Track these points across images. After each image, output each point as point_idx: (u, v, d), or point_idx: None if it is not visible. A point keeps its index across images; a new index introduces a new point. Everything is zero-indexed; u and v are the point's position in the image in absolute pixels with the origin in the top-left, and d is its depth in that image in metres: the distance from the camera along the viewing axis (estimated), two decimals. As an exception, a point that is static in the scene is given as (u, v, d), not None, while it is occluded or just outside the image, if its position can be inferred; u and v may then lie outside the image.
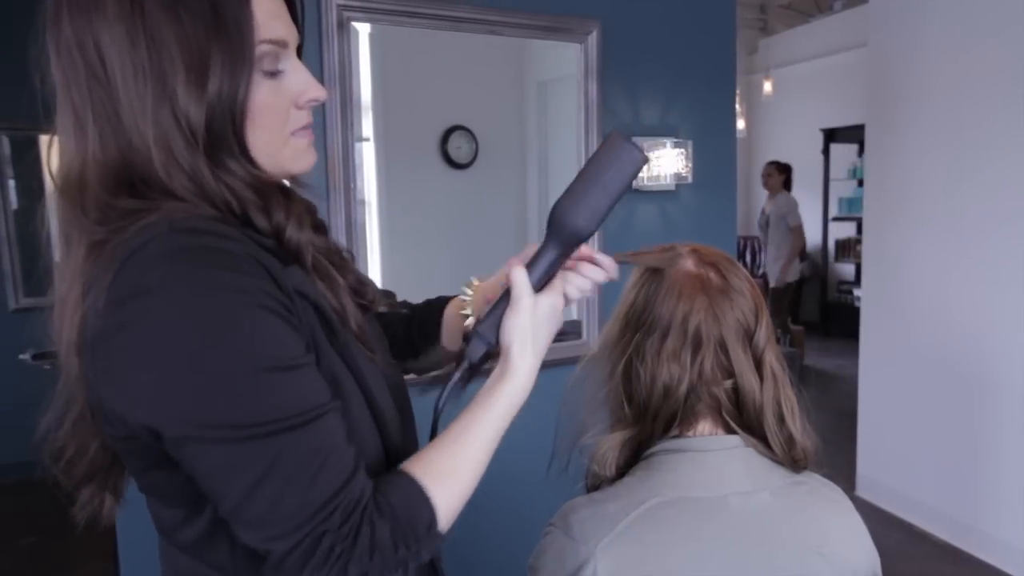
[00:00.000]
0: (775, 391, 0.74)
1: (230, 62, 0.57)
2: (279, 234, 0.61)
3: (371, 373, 0.66)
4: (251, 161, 0.61)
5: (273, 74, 0.61)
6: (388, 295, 0.88)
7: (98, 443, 0.66)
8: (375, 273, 1.81)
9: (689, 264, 0.76)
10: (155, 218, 0.56)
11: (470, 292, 0.86)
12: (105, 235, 0.57)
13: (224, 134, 0.58)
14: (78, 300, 0.58)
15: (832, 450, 3.49)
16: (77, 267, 0.58)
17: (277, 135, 0.63)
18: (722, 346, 0.72)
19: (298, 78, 0.63)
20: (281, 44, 0.61)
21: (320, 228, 0.71)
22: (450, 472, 0.62)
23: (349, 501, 0.56)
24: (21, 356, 2.57)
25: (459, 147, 2.03)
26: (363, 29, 1.74)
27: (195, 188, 0.58)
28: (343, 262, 0.72)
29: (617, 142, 0.68)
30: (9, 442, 3.57)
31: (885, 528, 2.92)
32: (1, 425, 3.54)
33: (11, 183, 3.59)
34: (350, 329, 0.65)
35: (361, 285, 0.74)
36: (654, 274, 0.76)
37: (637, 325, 0.75)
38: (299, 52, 0.66)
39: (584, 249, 0.73)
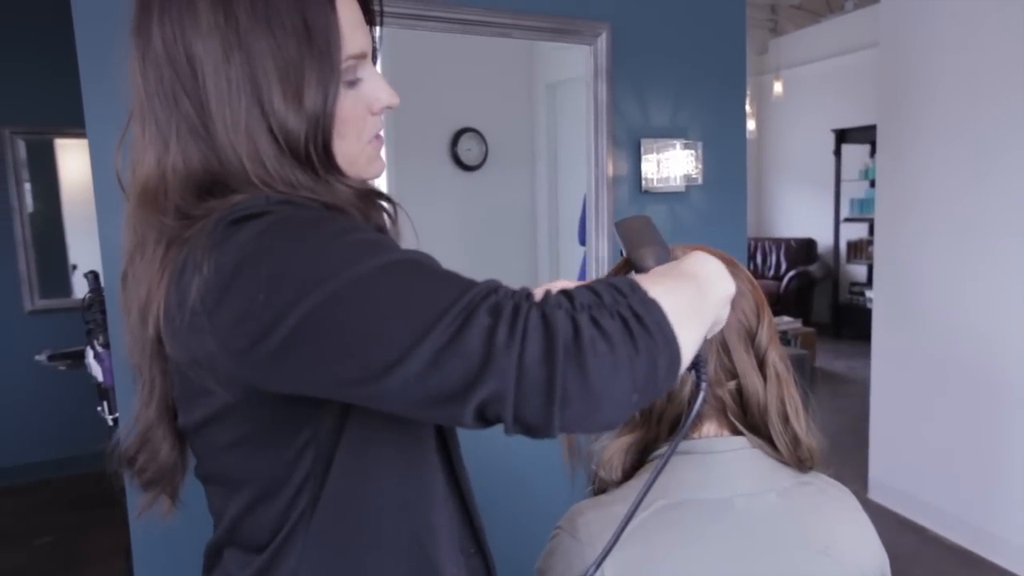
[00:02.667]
0: (779, 391, 0.74)
1: (323, 76, 0.57)
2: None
3: None
4: (343, 173, 0.62)
5: (352, 83, 0.62)
6: None
7: (168, 445, 0.67)
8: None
9: None
10: (245, 197, 0.55)
11: None
12: (187, 230, 0.56)
13: (317, 147, 0.59)
14: (158, 291, 0.57)
15: (844, 453, 3.48)
16: (155, 266, 0.58)
17: (356, 143, 0.63)
18: (724, 347, 0.73)
19: (374, 86, 0.64)
20: (363, 56, 0.62)
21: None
22: (659, 280, 0.52)
23: (509, 290, 0.48)
24: (37, 357, 2.60)
25: (469, 149, 2.04)
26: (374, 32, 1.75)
27: (294, 192, 0.58)
28: None
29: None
30: (26, 443, 3.62)
31: (897, 532, 2.90)
32: (17, 426, 3.59)
33: (27, 186, 3.63)
34: None
35: None
36: None
37: None
38: (374, 55, 0.67)
39: None
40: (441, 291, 0.46)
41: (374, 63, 0.67)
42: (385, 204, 0.66)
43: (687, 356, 0.49)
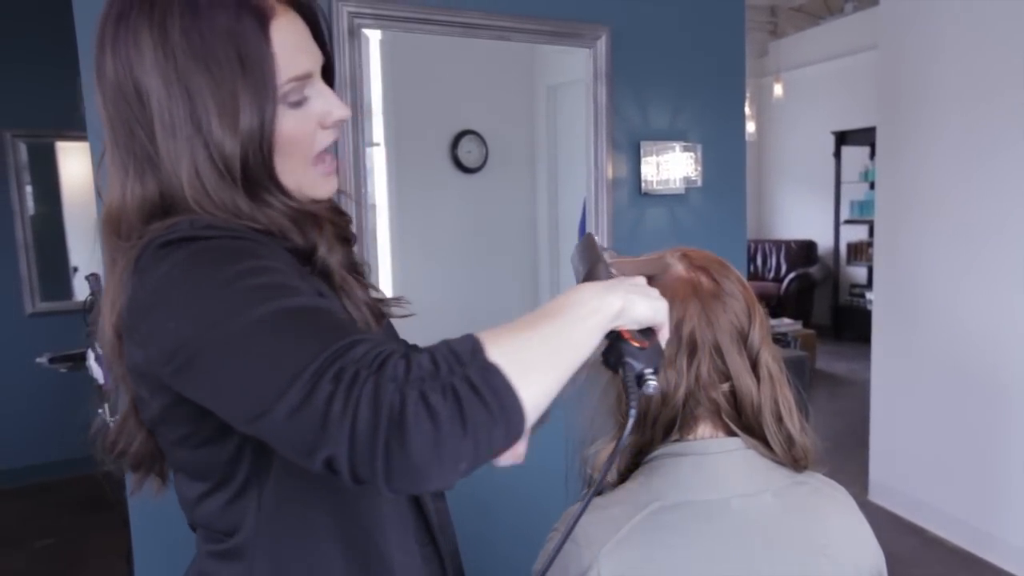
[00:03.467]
0: (772, 391, 0.74)
1: (257, 100, 0.61)
2: (312, 255, 0.66)
3: None
4: (283, 191, 0.66)
5: (299, 103, 0.65)
6: (397, 300, 0.91)
7: (143, 435, 0.72)
8: (386, 277, 1.83)
9: (680, 269, 0.76)
10: (173, 221, 0.61)
11: None
12: (138, 247, 0.62)
13: (257, 168, 0.63)
14: (116, 307, 0.63)
15: (844, 454, 3.48)
16: (119, 281, 0.63)
17: (302, 160, 0.68)
18: (717, 350, 0.73)
19: (323, 102, 0.67)
20: (305, 77, 0.65)
21: (348, 241, 0.77)
22: (510, 334, 0.53)
23: (373, 345, 0.51)
24: (38, 360, 2.60)
25: (469, 151, 2.05)
26: (374, 35, 1.75)
27: (230, 217, 0.62)
28: (361, 274, 0.77)
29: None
30: (26, 445, 3.62)
31: (898, 534, 2.89)
32: (18, 428, 3.59)
33: (28, 189, 3.64)
34: None
35: (379, 294, 0.79)
36: (646, 280, 0.77)
37: None
38: (329, 69, 0.71)
39: None
40: (303, 351, 0.50)
41: (331, 76, 0.71)
42: (328, 225, 0.70)
43: (536, 410, 0.51)
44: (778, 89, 6.71)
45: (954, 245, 2.75)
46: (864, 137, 5.91)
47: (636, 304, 0.59)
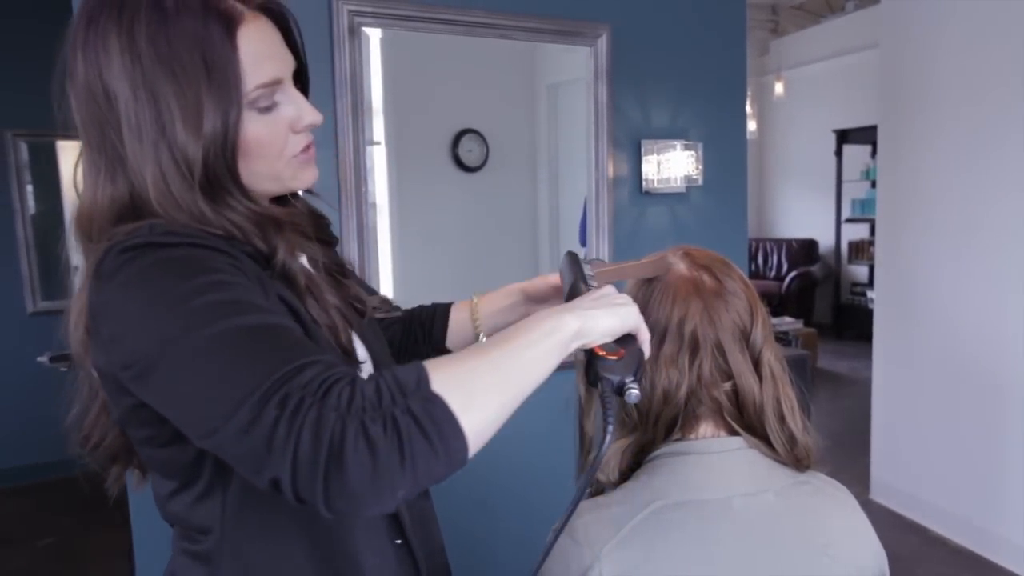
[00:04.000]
0: (775, 390, 0.74)
1: (221, 105, 0.62)
2: (272, 259, 0.67)
3: None
4: (247, 195, 0.67)
5: (268, 108, 0.67)
6: (384, 301, 0.93)
7: (116, 431, 0.73)
8: (386, 275, 1.82)
9: (682, 268, 0.76)
10: (134, 226, 0.62)
11: (475, 299, 0.95)
12: (101, 250, 0.63)
13: (220, 172, 0.64)
14: (84, 309, 0.64)
15: (845, 454, 3.48)
16: (85, 281, 0.64)
17: (278, 159, 0.69)
18: (719, 348, 0.72)
19: (292, 108, 0.69)
20: (274, 83, 0.66)
21: (328, 241, 0.80)
22: (457, 362, 0.55)
23: (321, 369, 0.52)
24: (39, 359, 2.60)
25: (470, 150, 2.04)
26: (374, 34, 1.75)
27: (193, 221, 0.63)
28: (345, 274, 0.80)
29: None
30: (28, 445, 3.63)
31: (900, 533, 2.89)
32: (19, 427, 3.59)
33: (29, 188, 3.64)
34: (339, 343, 0.71)
35: (361, 294, 0.80)
36: (648, 280, 0.77)
37: None
38: (302, 74, 0.72)
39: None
40: (253, 373, 0.51)
41: (303, 81, 0.72)
42: (291, 230, 0.71)
43: (480, 436, 0.53)
44: (779, 87, 6.70)
45: (956, 243, 2.75)
46: (865, 135, 5.90)
47: (598, 319, 0.61)
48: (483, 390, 0.54)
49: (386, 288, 1.81)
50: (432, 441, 0.50)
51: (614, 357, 0.61)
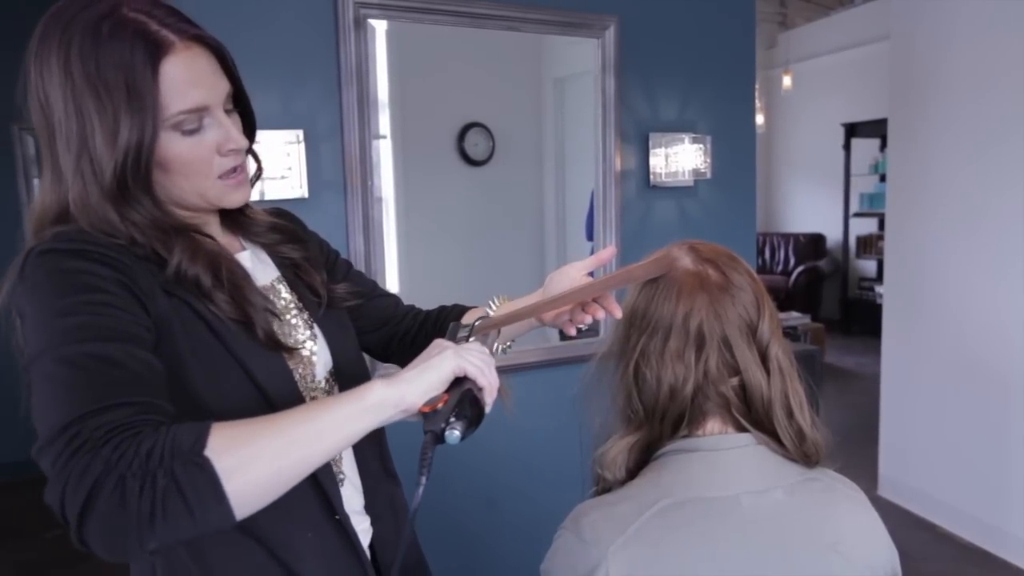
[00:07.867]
0: (783, 385, 0.73)
1: (136, 124, 0.68)
2: (172, 265, 0.73)
3: (267, 368, 0.76)
4: (159, 206, 0.74)
5: (192, 131, 0.72)
6: (352, 292, 0.97)
7: None
8: (392, 269, 1.82)
9: (687, 262, 0.75)
10: (52, 231, 0.69)
11: (496, 303, 0.99)
12: (24, 252, 0.69)
13: (132, 184, 0.70)
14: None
15: (853, 449, 3.46)
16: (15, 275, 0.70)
17: (205, 179, 0.75)
18: (726, 343, 0.71)
19: (216, 133, 0.74)
20: (199, 110, 0.71)
21: (293, 240, 0.89)
22: (242, 426, 0.60)
23: (116, 415, 0.57)
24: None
25: (476, 144, 2.03)
26: (380, 26, 1.74)
27: (102, 227, 0.69)
28: (302, 269, 0.88)
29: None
30: (35, 438, 3.65)
31: (908, 529, 2.88)
32: (27, 421, 3.61)
33: (35, 182, 3.65)
34: (255, 335, 0.75)
35: (317, 286, 0.88)
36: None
37: (640, 327, 0.74)
38: (239, 97, 0.78)
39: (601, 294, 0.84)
40: (70, 404, 0.57)
41: (238, 102, 0.78)
42: (199, 240, 0.76)
43: (250, 499, 0.58)
44: (787, 81, 6.65)
45: (965, 238, 2.72)
46: (874, 129, 5.86)
47: (410, 382, 0.66)
48: (257, 455, 0.58)
49: (392, 281, 1.81)
50: (189, 503, 0.54)
51: (428, 409, 0.66)
